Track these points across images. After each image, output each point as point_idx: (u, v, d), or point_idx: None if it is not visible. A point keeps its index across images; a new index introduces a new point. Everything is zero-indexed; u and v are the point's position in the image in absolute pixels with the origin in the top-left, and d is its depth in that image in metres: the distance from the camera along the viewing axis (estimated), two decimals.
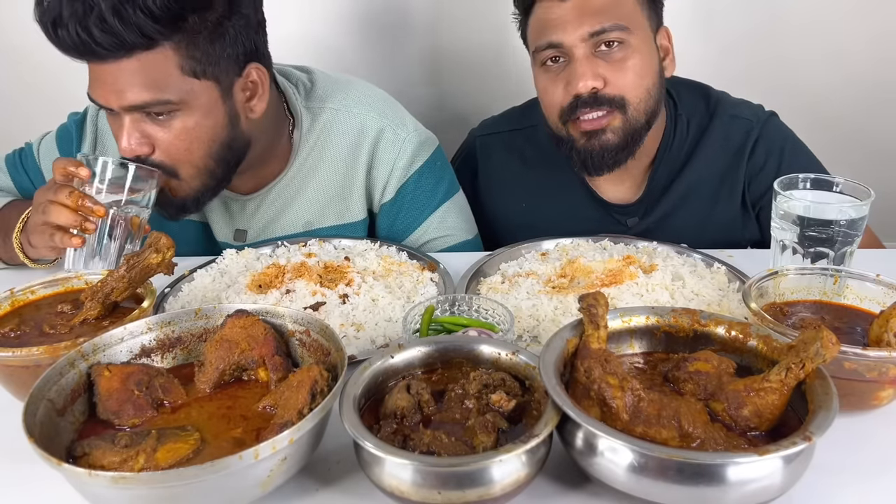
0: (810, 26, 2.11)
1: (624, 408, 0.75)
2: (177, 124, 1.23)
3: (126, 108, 1.20)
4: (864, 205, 1.13)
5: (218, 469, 0.66)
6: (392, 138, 1.45)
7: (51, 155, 1.49)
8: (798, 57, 2.15)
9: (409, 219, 1.49)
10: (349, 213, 1.49)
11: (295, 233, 1.48)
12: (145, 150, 1.23)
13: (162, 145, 1.23)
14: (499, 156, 1.65)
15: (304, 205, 1.47)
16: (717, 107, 1.53)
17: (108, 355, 0.87)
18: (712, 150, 1.51)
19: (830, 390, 0.74)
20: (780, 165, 1.48)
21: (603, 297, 0.83)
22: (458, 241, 1.53)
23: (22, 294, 1.03)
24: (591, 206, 1.57)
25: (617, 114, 1.39)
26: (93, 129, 1.49)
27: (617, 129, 1.40)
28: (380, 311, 1.14)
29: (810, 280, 1.05)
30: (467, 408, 0.79)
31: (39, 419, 0.74)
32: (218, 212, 1.50)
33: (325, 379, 0.80)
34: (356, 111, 1.46)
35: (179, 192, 1.29)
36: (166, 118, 1.22)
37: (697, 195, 1.52)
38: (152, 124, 1.22)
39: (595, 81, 1.36)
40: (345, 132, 1.45)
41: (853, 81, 2.17)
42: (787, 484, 0.70)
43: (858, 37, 2.12)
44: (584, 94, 1.36)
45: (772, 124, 1.53)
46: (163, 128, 1.22)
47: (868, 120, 2.20)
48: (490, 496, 0.70)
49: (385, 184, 1.47)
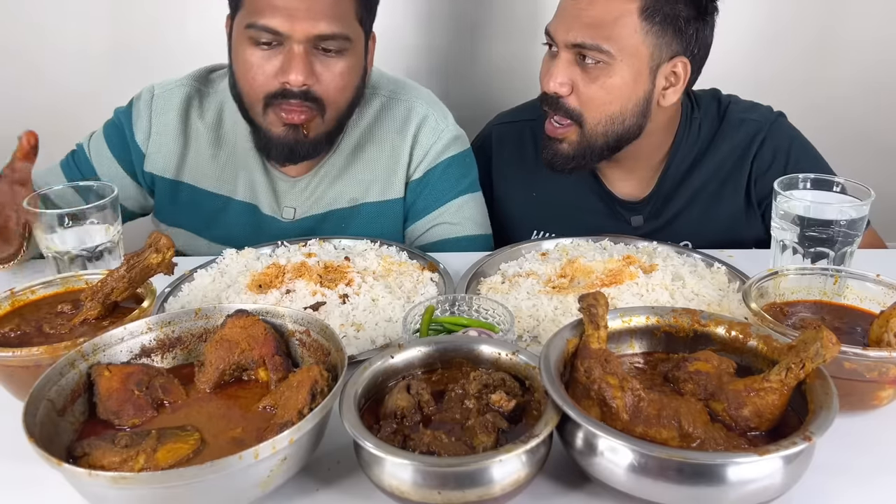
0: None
1: (624, 408, 0.75)
2: (341, 64, 1.36)
3: (314, 37, 1.31)
4: (864, 205, 1.13)
5: (218, 469, 0.66)
6: (433, 125, 1.55)
7: (101, 151, 1.55)
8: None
9: (430, 199, 1.56)
10: (391, 190, 1.56)
11: (340, 208, 1.55)
12: (310, 81, 1.33)
13: (323, 80, 1.35)
14: (513, 145, 1.67)
15: (351, 182, 1.55)
16: (728, 111, 1.54)
17: (108, 355, 0.87)
18: (721, 154, 1.52)
19: (830, 390, 0.74)
20: (787, 165, 1.48)
21: (603, 297, 0.83)
22: (472, 233, 1.57)
23: (22, 294, 1.03)
24: (598, 199, 1.58)
25: (574, 127, 1.41)
26: (147, 112, 1.52)
27: (573, 142, 1.42)
28: (380, 311, 1.14)
29: (810, 280, 1.05)
30: (467, 408, 0.79)
31: (39, 419, 0.74)
32: (265, 192, 1.55)
33: (325, 379, 0.80)
34: (405, 97, 1.57)
35: (313, 130, 1.39)
36: (334, 56, 1.35)
37: (702, 197, 1.53)
38: (321, 61, 1.34)
39: (561, 88, 1.38)
40: (394, 116, 1.55)
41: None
42: (787, 484, 0.70)
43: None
44: (549, 93, 1.39)
45: (779, 125, 1.53)
46: (328, 65, 1.35)
47: (877, 120, 2.20)
48: (490, 496, 0.70)
49: (418, 164, 1.56)
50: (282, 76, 1.32)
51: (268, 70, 1.34)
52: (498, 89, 2.14)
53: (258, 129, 1.42)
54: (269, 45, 1.32)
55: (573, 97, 1.38)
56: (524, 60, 2.09)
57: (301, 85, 1.32)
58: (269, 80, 1.34)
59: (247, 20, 1.33)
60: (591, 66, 1.35)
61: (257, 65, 1.34)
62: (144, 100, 1.54)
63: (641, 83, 1.38)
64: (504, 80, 2.14)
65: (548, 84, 1.38)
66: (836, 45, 2.14)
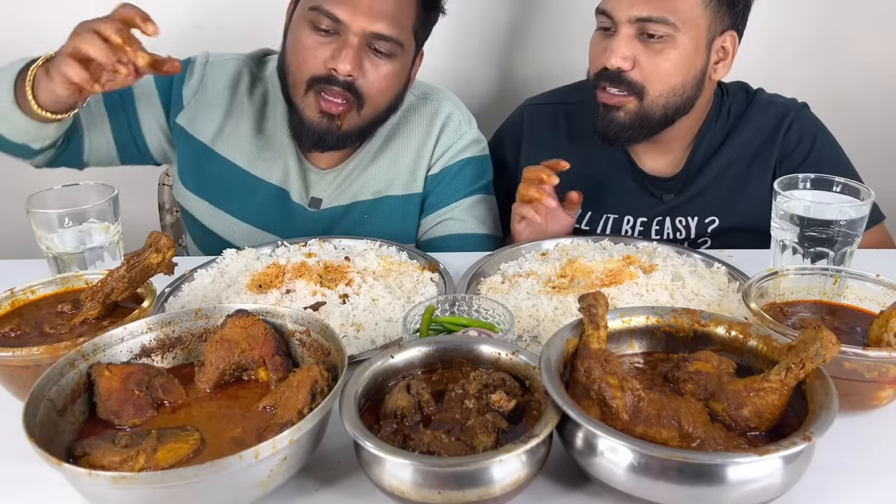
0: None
1: (624, 408, 0.75)
2: (388, 66, 1.42)
3: (370, 33, 1.37)
4: (864, 205, 1.13)
5: (218, 469, 0.66)
6: (456, 126, 1.61)
7: (149, 93, 1.55)
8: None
9: (444, 194, 1.60)
10: (414, 185, 1.60)
11: (364, 200, 1.58)
12: (356, 74, 1.39)
13: (368, 77, 1.41)
14: (545, 125, 1.69)
15: (376, 175, 1.58)
16: (755, 96, 1.60)
17: (108, 355, 0.87)
18: (748, 132, 1.57)
19: (830, 390, 0.74)
20: (812, 148, 1.54)
21: (603, 297, 0.83)
22: (481, 232, 1.59)
23: (22, 294, 1.03)
24: (629, 177, 1.61)
25: (633, 98, 1.43)
26: (200, 74, 1.56)
27: (630, 111, 1.45)
28: (380, 311, 1.14)
29: (810, 280, 1.05)
30: (467, 408, 0.79)
31: (39, 419, 0.74)
32: (296, 179, 1.57)
33: (325, 379, 0.80)
34: (434, 98, 1.63)
35: (347, 122, 1.44)
36: (384, 58, 1.41)
37: (731, 172, 1.57)
38: (371, 59, 1.40)
39: (624, 63, 1.41)
40: (422, 114, 1.61)
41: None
42: (787, 484, 0.70)
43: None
44: (611, 69, 1.41)
45: (806, 112, 1.59)
46: (376, 65, 1.41)
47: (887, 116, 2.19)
48: (490, 496, 0.70)
49: (437, 159, 1.60)
50: (331, 62, 1.38)
51: (319, 54, 1.39)
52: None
53: (294, 109, 1.47)
54: (326, 31, 1.38)
55: (636, 70, 1.41)
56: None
57: (347, 74, 1.38)
58: (318, 64, 1.39)
59: (312, 2, 1.39)
60: (655, 40, 1.39)
61: (311, 47, 1.40)
62: (200, 62, 1.57)
63: (700, 56, 1.43)
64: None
65: (609, 60, 1.41)
66: (842, 39, 2.12)
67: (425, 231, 1.62)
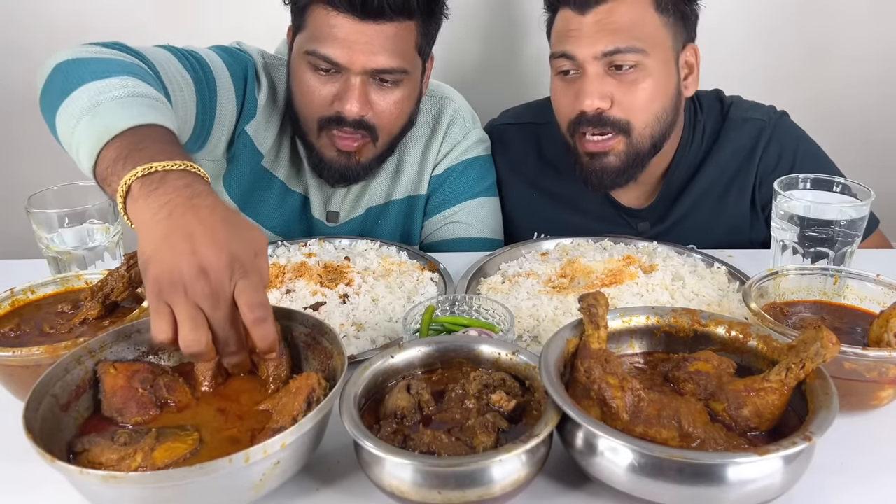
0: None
1: (624, 408, 0.75)
2: (397, 94, 1.37)
3: (371, 70, 1.32)
4: (864, 205, 1.13)
5: (207, 471, 0.66)
6: (462, 124, 1.59)
7: (226, 85, 1.39)
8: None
9: (447, 196, 1.59)
10: (421, 186, 1.59)
11: (376, 205, 1.58)
12: (365, 111, 1.35)
13: (378, 109, 1.37)
14: (516, 146, 1.65)
15: (386, 178, 1.57)
16: (730, 111, 1.53)
17: (114, 352, 0.87)
18: (725, 155, 1.50)
19: (830, 390, 0.74)
20: (794, 165, 1.47)
21: (603, 297, 0.83)
22: (483, 235, 1.58)
23: (22, 294, 1.03)
24: (603, 206, 1.57)
25: (621, 137, 1.37)
26: (267, 79, 1.49)
27: (620, 153, 1.39)
28: (380, 310, 1.14)
29: (810, 280, 1.05)
30: (467, 408, 0.79)
31: (42, 414, 0.74)
32: (316, 192, 1.56)
33: (323, 388, 0.80)
34: (441, 94, 1.60)
35: (365, 155, 1.42)
36: (391, 87, 1.36)
37: (708, 198, 1.52)
38: (377, 90, 1.36)
39: (601, 102, 1.34)
40: (427, 111, 1.58)
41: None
42: (787, 484, 0.70)
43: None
44: (589, 112, 1.35)
45: (783, 124, 1.52)
46: (384, 95, 1.37)
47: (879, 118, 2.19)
48: (490, 496, 0.70)
49: (442, 158, 1.59)
50: (338, 104, 1.35)
51: (324, 94, 1.35)
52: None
53: (311, 149, 1.43)
54: (326, 71, 1.34)
55: (615, 108, 1.35)
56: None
57: (356, 115, 1.34)
58: (324, 105, 1.36)
59: (307, 46, 1.33)
60: (626, 71, 1.34)
61: (315, 88, 1.36)
62: (259, 64, 1.48)
63: (671, 75, 1.39)
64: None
65: (584, 103, 1.34)
66: (834, 43, 2.13)
67: (430, 233, 1.60)
